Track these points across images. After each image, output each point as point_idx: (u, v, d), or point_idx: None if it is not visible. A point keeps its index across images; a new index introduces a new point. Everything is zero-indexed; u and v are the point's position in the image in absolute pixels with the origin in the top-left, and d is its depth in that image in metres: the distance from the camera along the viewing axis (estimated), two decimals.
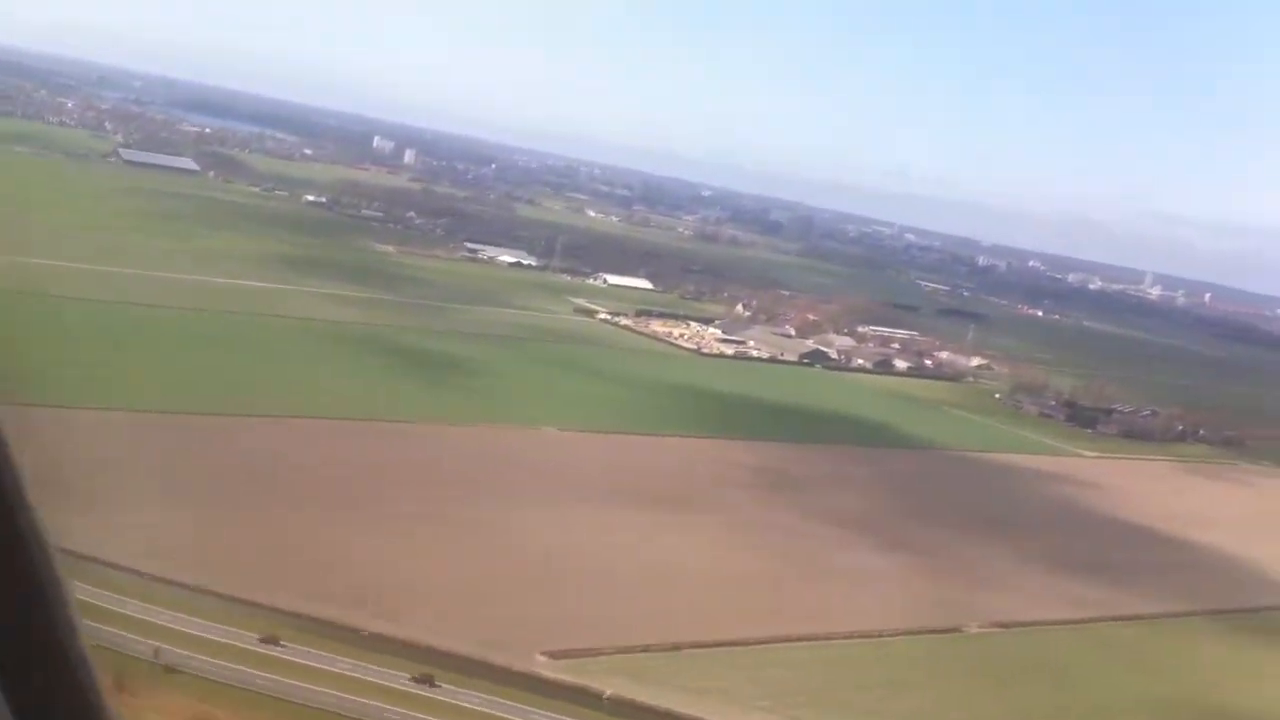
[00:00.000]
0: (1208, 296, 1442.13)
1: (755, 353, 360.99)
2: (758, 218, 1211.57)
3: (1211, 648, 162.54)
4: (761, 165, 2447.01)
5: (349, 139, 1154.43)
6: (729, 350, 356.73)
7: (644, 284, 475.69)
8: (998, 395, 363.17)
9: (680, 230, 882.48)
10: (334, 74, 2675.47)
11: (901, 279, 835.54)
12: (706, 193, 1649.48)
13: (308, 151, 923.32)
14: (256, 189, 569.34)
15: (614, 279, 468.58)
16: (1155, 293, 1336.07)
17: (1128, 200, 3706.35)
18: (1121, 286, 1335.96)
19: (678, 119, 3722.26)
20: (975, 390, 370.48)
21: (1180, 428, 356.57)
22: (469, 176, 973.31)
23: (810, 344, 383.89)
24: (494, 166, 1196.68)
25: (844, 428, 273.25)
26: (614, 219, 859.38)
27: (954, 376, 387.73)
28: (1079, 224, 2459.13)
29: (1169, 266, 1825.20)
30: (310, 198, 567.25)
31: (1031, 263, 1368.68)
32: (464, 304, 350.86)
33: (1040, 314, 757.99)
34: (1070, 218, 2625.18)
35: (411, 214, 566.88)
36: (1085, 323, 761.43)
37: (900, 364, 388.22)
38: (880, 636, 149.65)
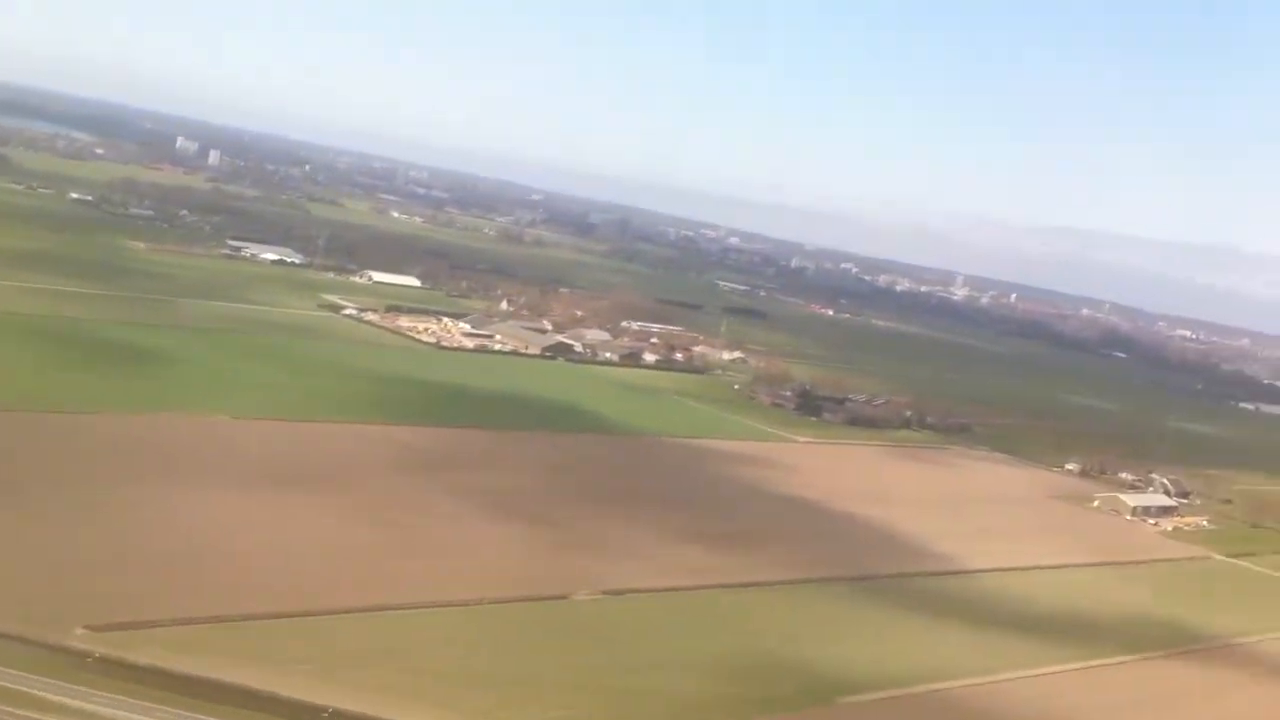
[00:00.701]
0: (1014, 297, 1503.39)
1: (499, 346, 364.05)
2: (576, 220, 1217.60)
3: (807, 610, 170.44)
4: (601, 171, 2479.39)
5: (157, 140, 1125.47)
6: (470, 344, 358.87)
7: (412, 281, 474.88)
8: (737, 386, 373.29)
9: (486, 231, 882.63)
10: (175, 80, 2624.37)
11: (703, 279, 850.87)
12: (536, 196, 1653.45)
13: (100, 151, 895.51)
14: (19, 186, 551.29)
15: (381, 276, 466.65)
16: (962, 293, 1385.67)
17: (962, 208, 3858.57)
18: (931, 288, 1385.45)
19: (518, 123, 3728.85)
20: (717, 382, 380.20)
21: (909, 415, 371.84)
22: (275, 177, 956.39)
23: (560, 338, 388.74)
24: (308, 167, 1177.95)
25: (546, 414, 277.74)
26: (418, 220, 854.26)
27: (702, 369, 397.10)
28: (915, 231, 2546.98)
29: (990, 270, 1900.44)
30: (76, 195, 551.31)
31: (844, 265, 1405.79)
32: (195, 299, 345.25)
33: (831, 312, 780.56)
34: (907, 225, 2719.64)
35: (184, 212, 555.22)
36: (875, 321, 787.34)
37: (650, 357, 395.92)
38: (480, 604, 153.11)
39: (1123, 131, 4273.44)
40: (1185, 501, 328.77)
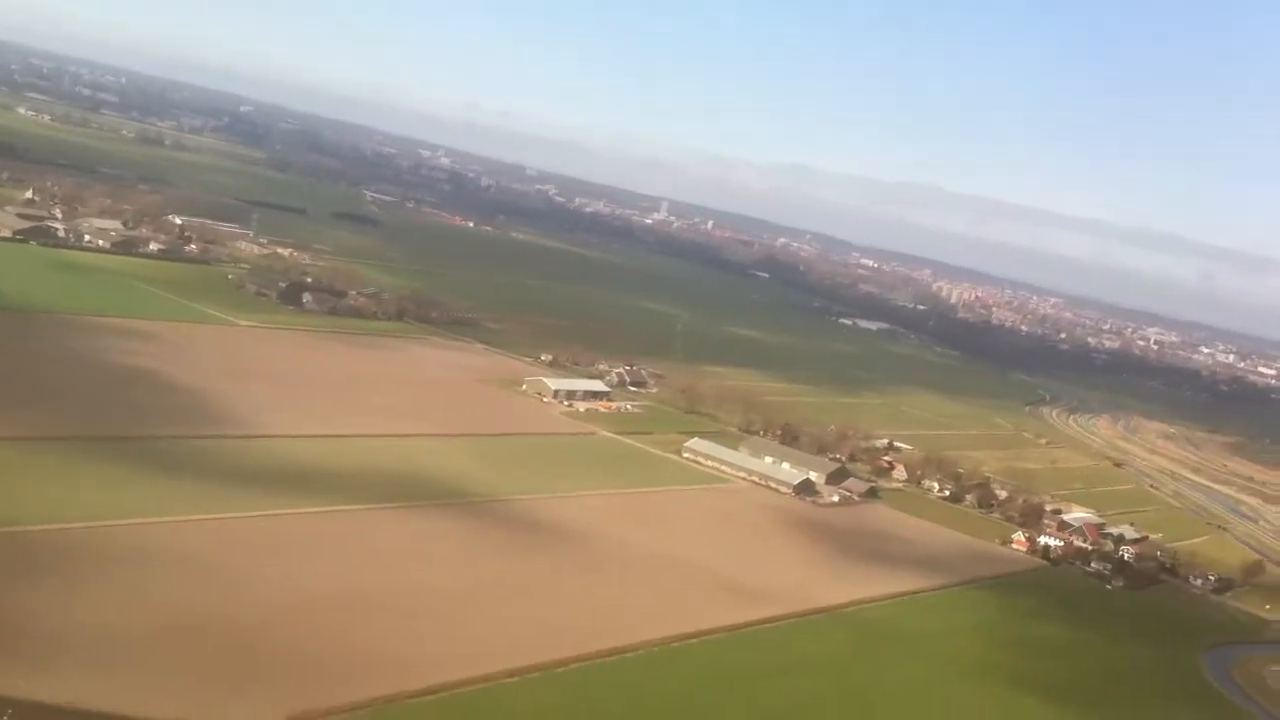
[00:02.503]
0: (710, 224, 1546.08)
1: None
2: (256, 130, 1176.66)
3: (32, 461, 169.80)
4: (331, 89, 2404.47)
5: None
6: None
7: None
8: (231, 277, 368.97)
9: (124, 133, 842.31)
10: None
11: (354, 190, 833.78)
12: (246, 108, 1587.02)
13: None
14: None
15: None
16: (654, 219, 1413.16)
17: (695, 144, 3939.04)
18: (631, 213, 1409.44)
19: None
20: (213, 273, 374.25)
21: (405, 309, 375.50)
22: None
23: (50, 224, 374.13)
24: None
25: None
26: (47, 118, 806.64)
27: (207, 261, 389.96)
28: (646, 163, 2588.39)
29: (715, 202, 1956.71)
30: None
31: (541, 187, 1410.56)
32: None
33: (471, 224, 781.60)
34: (640, 158, 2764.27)
35: None
36: (514, 234, 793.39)
37: (155, 247, 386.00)
38: None
39: (849, 71, 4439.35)
40: (638, 390, 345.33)
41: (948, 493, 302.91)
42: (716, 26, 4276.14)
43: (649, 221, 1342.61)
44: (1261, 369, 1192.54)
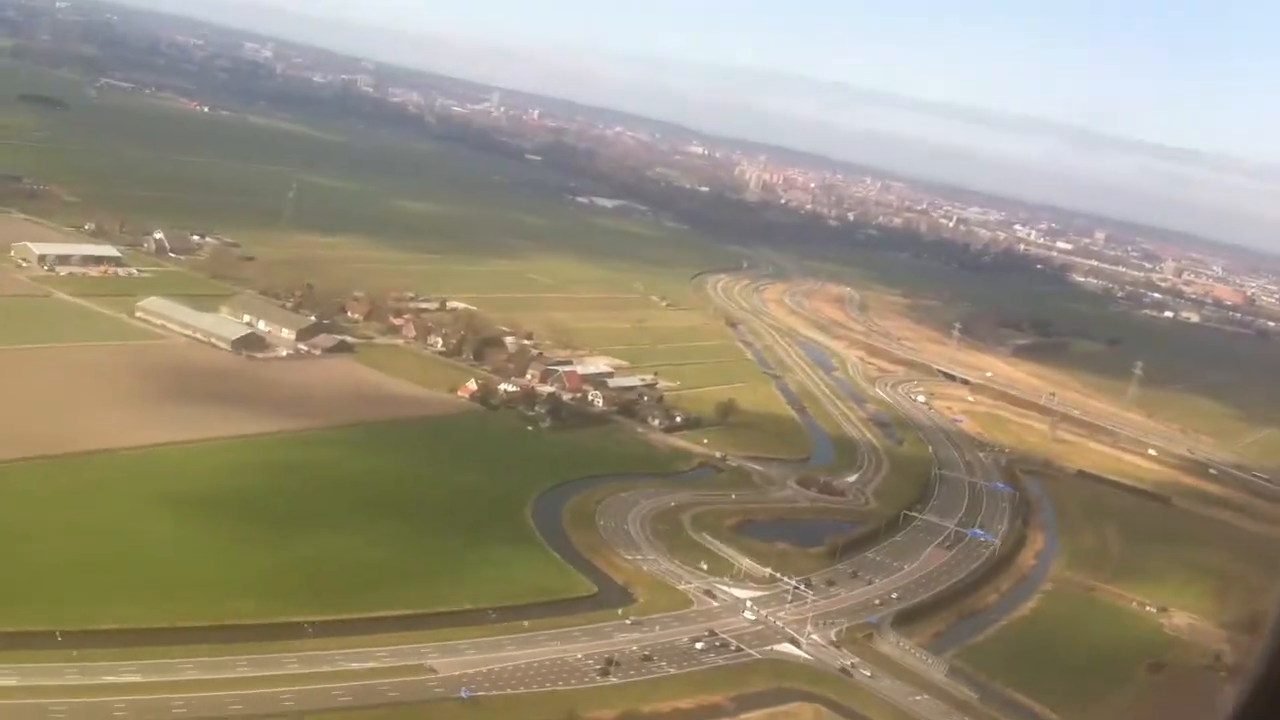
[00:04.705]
0: (536, 113, 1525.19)
1: None
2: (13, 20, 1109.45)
3: None
4: None
5: None
6: None
7: None
8: None
9: None
10: None
11: (87, 78, 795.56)
12: (61, 3, 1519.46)
13: None
14: None
15: None
16: (469, 108, 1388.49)
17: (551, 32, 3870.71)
18: (455, 103, 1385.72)
19: None
20: None
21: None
22: None
23: None
24: None
25: None
26: None
27: None
28: (499, 52, 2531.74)
29: (569, 93, 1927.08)
30: None
31: (349, 76, 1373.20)
32: None
33: (206, 109, 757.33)
34: (495, 48, 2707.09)
35: None
36: (252, 119, 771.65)
37: None
38: None
39: None
40: (180, 256, 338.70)
41: (444, 348, 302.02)
42: None
43: (459, 109, 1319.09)
44: (1061, 244, 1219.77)
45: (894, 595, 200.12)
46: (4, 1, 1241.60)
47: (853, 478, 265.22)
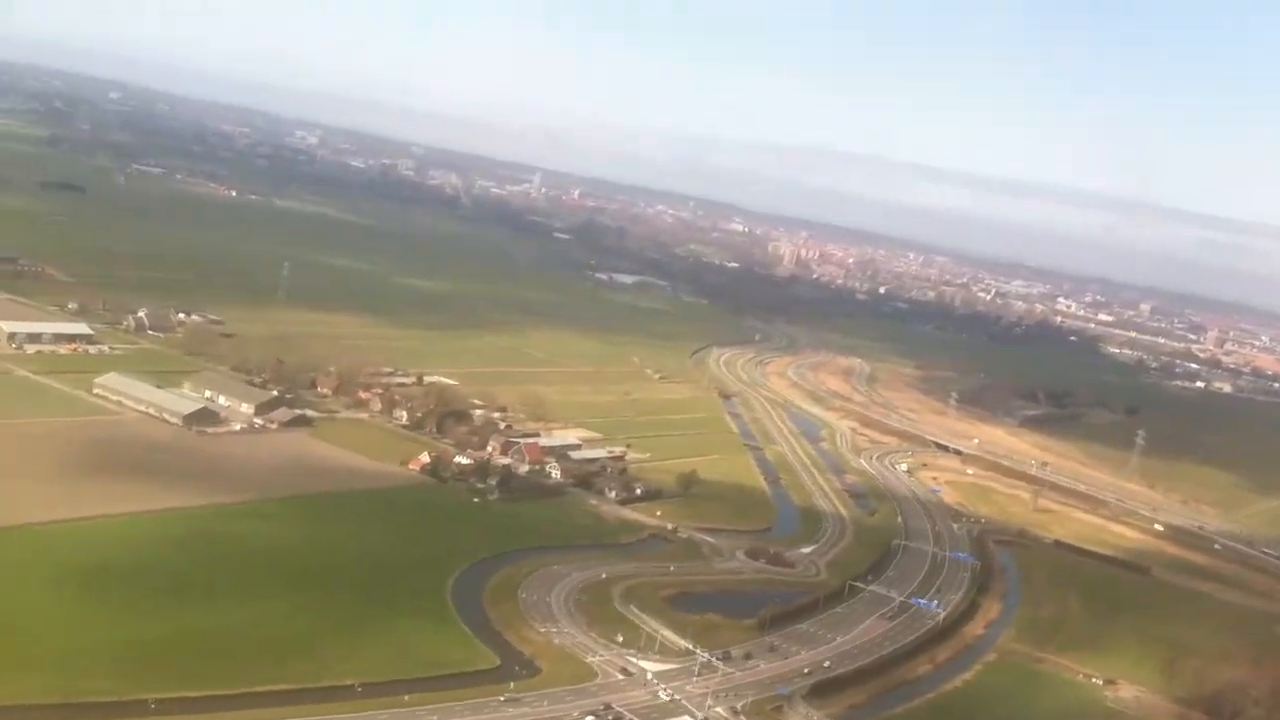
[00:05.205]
0: (577, 193, 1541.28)
1: None
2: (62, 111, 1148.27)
3: None
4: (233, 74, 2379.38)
5: None
6: None
7: None
8: None
9: None
10: None
11: (118, 164, 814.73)
12: (114, 94, 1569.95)
13: None
14: None
15: None
16: (515, 189, 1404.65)
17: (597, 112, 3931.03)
18: (505, 188, 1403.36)
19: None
20: None
21: None
22: None
23: None
24: None
25: None
26: None
27: None
28: (544, 134, 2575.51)
29: (608, 173, 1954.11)
30: None
31: (390, 160, 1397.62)
32: None
33: (234, 194, 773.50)
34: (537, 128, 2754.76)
35: None
36: (280, 202, 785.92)
37: None
38: None
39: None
40: (158, 334, 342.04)
41: (408, 422, 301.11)
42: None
43: (495, 190, 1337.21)
44: (1102, 316, 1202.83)
45: (826, 665, 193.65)
46: (53, 92, 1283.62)
47: (809, 549, 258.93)
